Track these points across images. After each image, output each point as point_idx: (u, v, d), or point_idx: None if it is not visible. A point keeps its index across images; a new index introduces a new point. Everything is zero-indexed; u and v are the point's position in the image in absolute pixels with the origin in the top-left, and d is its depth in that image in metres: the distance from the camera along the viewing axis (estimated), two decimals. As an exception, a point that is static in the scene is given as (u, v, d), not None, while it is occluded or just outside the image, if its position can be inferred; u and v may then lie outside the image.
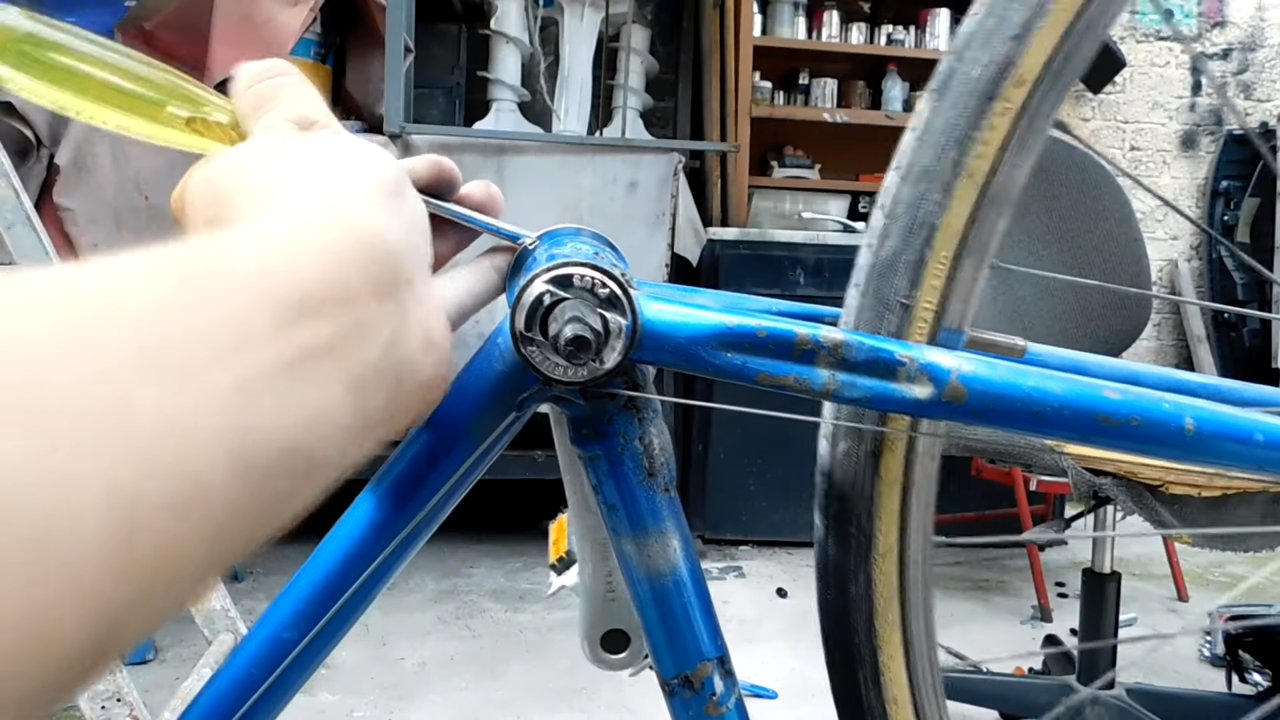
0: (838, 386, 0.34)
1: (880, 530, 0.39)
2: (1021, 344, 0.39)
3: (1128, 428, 0.34)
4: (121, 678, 1.16)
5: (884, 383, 0.34)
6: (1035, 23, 0.35)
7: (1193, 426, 0.35)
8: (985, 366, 0.34)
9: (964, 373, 0.34)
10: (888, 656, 0.41)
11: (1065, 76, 0.36)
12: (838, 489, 0.39)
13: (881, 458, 0.38)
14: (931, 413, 0.35)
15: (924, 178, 0.36)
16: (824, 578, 0.41)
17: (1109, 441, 0.35)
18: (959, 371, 0.34)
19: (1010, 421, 0.34)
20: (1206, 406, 0.35)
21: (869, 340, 0.34)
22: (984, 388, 0.34)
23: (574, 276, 0.32)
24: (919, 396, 0.34)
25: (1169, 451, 0.35)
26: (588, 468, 0.37)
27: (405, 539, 0.36)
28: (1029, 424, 0.34)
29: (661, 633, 0.38)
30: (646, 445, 0.36)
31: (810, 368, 0.34)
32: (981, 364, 0.35)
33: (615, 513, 0.37)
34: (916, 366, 0.34)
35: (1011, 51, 0.35)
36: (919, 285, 0.37)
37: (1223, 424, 0.35)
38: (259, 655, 0.37)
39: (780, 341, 0.34)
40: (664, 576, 0.37)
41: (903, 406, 0.35)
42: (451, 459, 0.35)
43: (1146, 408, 0.34)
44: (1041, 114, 0.36)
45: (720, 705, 0.38)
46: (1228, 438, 0.35)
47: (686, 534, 0.38)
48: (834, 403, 0.36)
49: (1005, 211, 0.37)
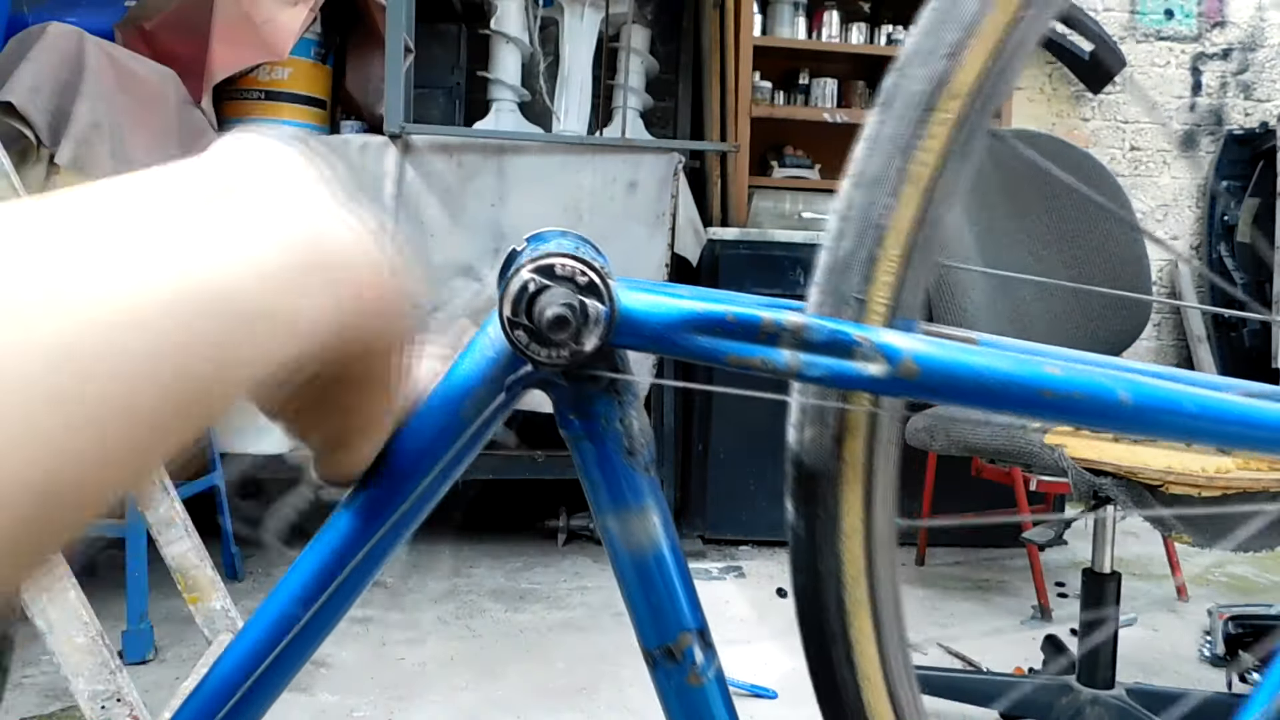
0: (800, 366, 0.37)
1: (845, 512, 0.41)
2: (974, 337, 0.42)
3: (1068, 401, 0.37)
4: (121, 678, 1.16)
5: (842, 362, 0.37)
6: (966, 43, 0.39)
7: (1127, 399, 0.37)
8: (935, 346, 0.37)
9: (915, 351, 0.37)
10: (858, 632, 0.43)
11: (998, 90, 0.40)
12: (805, 474, 0.42)
13: (844, 443, 0.41)
14: (887, 389, 0.38)
15: (874, 184, 0.40)
16: (795, 560, 0.43)
17: (1051, 414, 0.38)
18: (911, 351, 0.37)
19: (960, 397, 0.37)
20: (1142, 381, 0.38)
21: (828, 323, 0.37)
22: (934, 365, 0.37)
23: (556, 266, 0.35)
24: (875, 374, 0.37)
25: (1107, 422, 0.38)
26: (573, 448, 0.39)
27: (404, 514, 0.38)
28: (977, 399, 0.37)
29: (644, 606, 0.40)
30: (627, 426, 0.38)
31: (775, 349, 0.37)
32: (932, 344, 0.38)
33: (598, 490, 0.39)
34: (872, 346, 0.37)
35: (947, 68, 0.39)
36: (872, 281, 0.40)
37: (1156, 397, 0.38)
38: (260, 637, 0.38)
39: (747, 325, 0.37)
40: (645, 551, 0.39)
41: (860, 384, 0.37)
42: (444, 439, 0.37)
43: (1085, 383, 0.37)
44: (978, 123, 0.40)
45: (701, 675, 0.40)
46: (1160, 409, 0.38)
47: (666, 512, 0.40)
48: (797, 381, 0.39)
49: (948, 211, 0.41)
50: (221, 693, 0.38)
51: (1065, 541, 2.66)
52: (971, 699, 1.55)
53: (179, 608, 1.61)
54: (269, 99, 2.42)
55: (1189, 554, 2.45)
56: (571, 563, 2.46)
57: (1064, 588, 2.34)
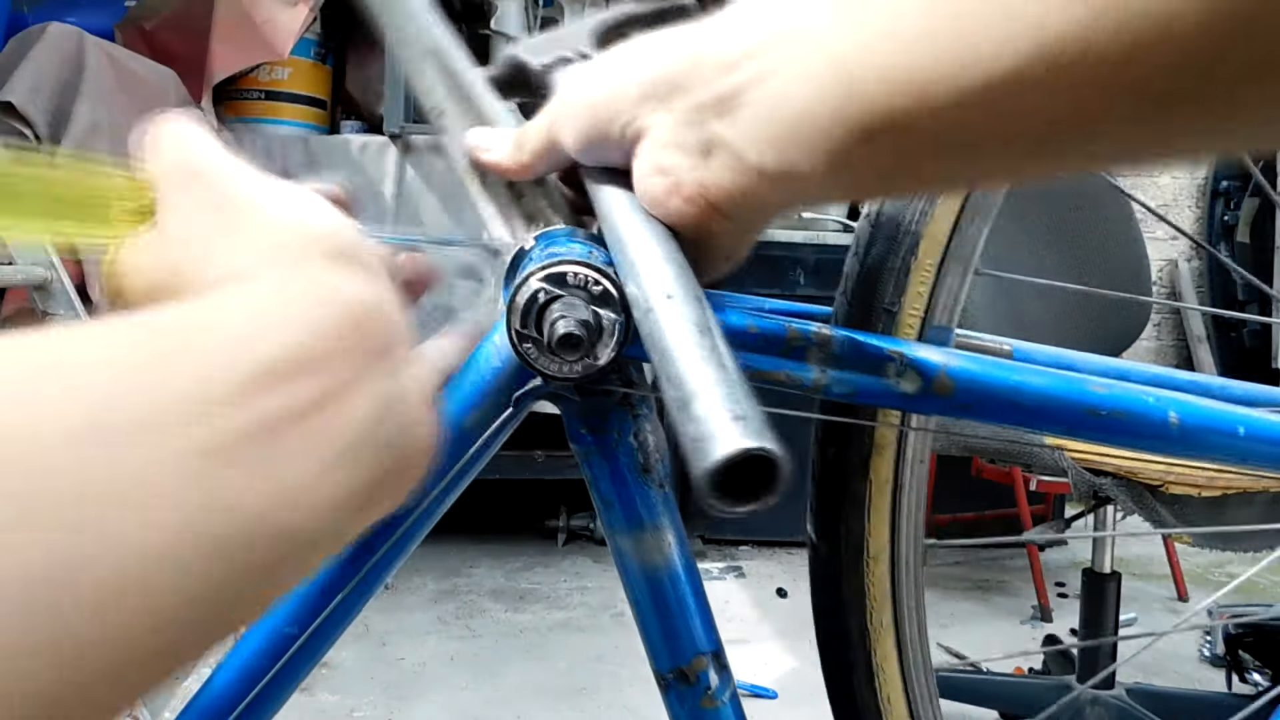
0: (828, 382, 0.34)
1: (871, 534, 0.39)
2: (1008, 347, 0.40)
3: (1113, 421, 0.34)
4: (121, 678, 1.15)
5: (873, 378, 0.34)
6: None
7: (1177, 420, 0.35)
8: (972, 362, 0.35)
9: (951, 367, 0.34)
10: (881, 658, 0.41)
11: None
12: (829, 493, 0.40)
13: (871, 461, 0.39)
14: (920, 407, 0.35)
15: None
16: (817, 582, 0.41)
17: (1096, 435, 0.35)
18: (947, 366, 0.34)
19: (997, 415, 0.35)
20: (1191, 401, 0.36)
21: (858, 337, 0.35)
22: (971, 382, 0.34)
23: (568, 275, 0.32)
24: (907, 390, 0.34)
25: (1155, 445, 0.36)
26: (583, 463, 0.37)
27: (404, 534, 0.37)
28: (1016, 418, 0.35)
29: (657, 627, 0.39)
30: (641, 441, 0.37)
31: (801, 364, 0.34)
32: (968, 359, 0.35)
33: (611, 509, 0.37)
34: (905, 361, 0.34)
35: None
36: (905, 292, 0.37)
37: (1207, 418, 0.36)
38: (259, 652, 0.37)
39: (771, 338, 0.34)
40: (659, 571, 0.38)
41: (891, 401, 0.35)
42: (449, 454, 0.36)
43: (1132, 402, 0.35)
44: None
45: (716, 699, 0.39)
46: (1212, 431, 0.36)
47: (681, 530, 0.38)
48: (824, 398, 0.36)
49: (987, 220, 0.38)
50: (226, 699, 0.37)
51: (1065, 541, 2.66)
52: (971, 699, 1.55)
53: (179, 608, 1.60)
54: (269, 99, 2.42)
55: (1189, 554, 2.45)
56: (571, 563, 2.46)
57: (1064, 588, 2.34)
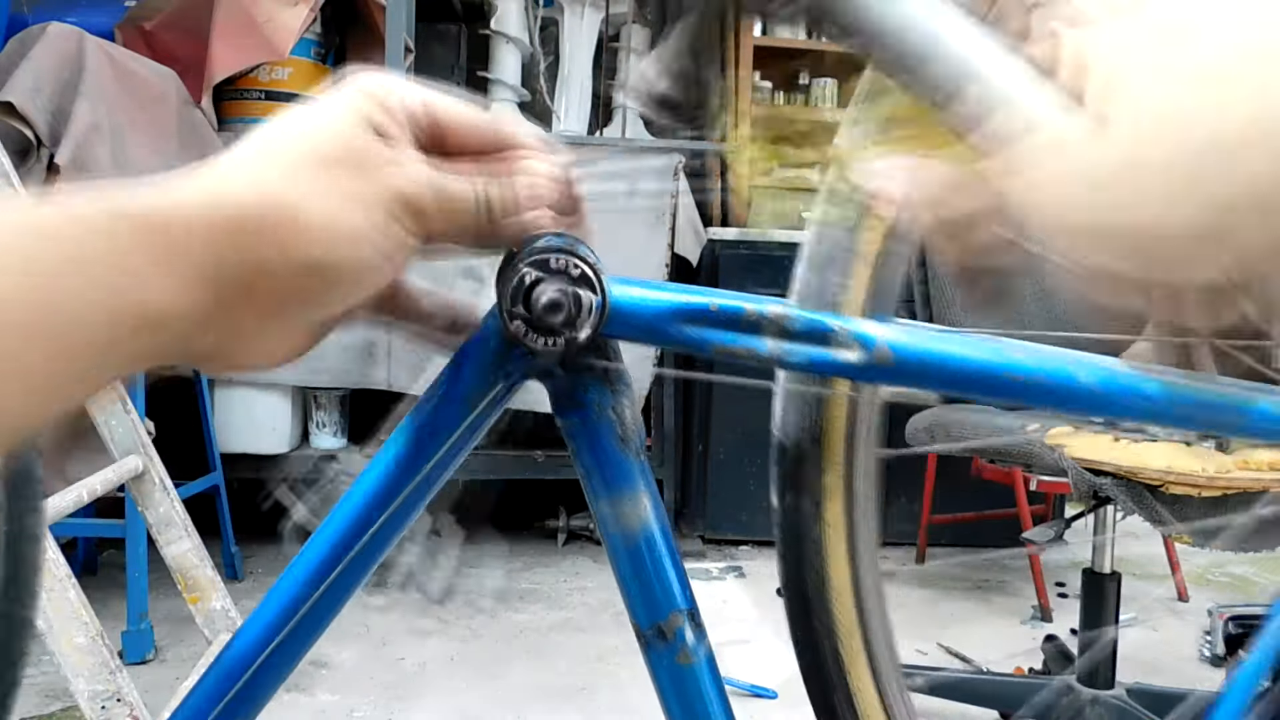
0: (781, 353, 0.39)
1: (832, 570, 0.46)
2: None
3: (1033, 385, 0.39)
4: (121, 678, 1.16)
5: (820, 349, 0.39)
6: None
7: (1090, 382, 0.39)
8: (908, 334, 0.40)
9: (889, 339, 0.39)
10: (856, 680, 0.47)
11: None
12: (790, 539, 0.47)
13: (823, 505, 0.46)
14: (863, 375, 0.40)
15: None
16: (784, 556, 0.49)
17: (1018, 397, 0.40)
18: (885, 338, 0.39)
19: (933, 382, 0.40)
20: (1104, 365, 0.40)
21: (807, 313, 0.40)
22: (907, 352, 0.39)
23: (550, 259, 0.37)
24: (851, 360, 0.39)
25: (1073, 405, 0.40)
26: (568, 436, 0.41)
27: (406, 500, 0.40)
28: (949, 384, 0.40)
29: (636, 586, 0.42)
30: (619, 414, 0.40)
31: (758, 338, 0.39)
32: (904, 331, 0.40)
33: (592, 476, 0.41)
34: (848, 335, 0.39)
35: None
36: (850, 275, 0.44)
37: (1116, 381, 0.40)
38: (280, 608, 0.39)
39: (731, 316, 0.39)
40: (636, 534, 0.41)
41: (837, 369, 0.40)
42: (449, 425, 0.40)
43: (1049, 367, 0.39)
44: None
45: (692, 654, 0.42)
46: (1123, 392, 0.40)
47: (657, 496, 0.42)
48: (779, 368, 0.42)
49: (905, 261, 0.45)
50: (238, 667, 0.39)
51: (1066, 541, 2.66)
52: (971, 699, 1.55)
53: (179, 608, 1.61)
54: (269, 99, 2.42)
55: (1189, 554, 2.45)
56: (571, 563, 2.46)
57: (1064, 588, 2.34)
